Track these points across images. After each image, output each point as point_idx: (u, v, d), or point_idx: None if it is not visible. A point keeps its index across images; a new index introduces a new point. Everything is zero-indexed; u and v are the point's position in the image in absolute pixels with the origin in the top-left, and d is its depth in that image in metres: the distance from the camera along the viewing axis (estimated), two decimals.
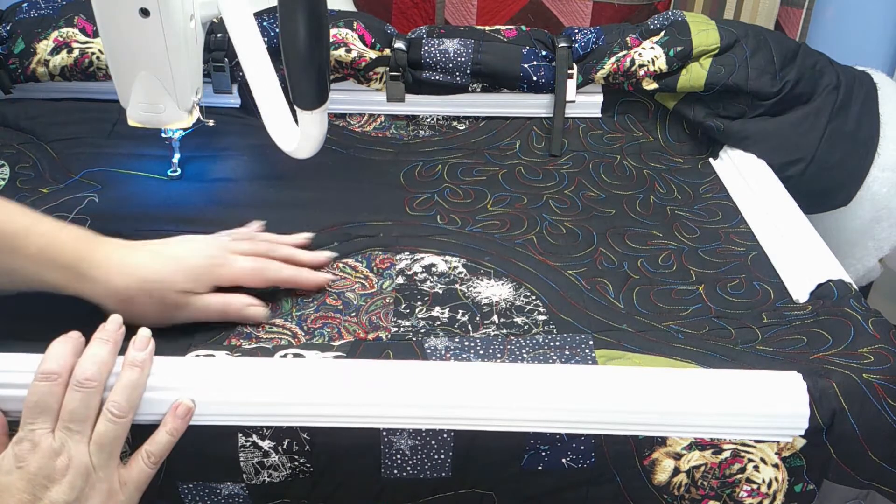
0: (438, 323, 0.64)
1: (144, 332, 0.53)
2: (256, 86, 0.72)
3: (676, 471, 0.55)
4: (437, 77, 0.88)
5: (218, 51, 0.86)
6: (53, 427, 0.49)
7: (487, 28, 0.91)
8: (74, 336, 0.52)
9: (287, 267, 0.66)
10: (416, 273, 0.69)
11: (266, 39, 0.84)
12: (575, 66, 0.88)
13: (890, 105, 0.88)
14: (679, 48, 0.86)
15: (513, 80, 0.88)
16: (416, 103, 0.91)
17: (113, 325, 0.53)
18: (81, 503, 0.49)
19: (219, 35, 0.86)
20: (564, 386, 0.54)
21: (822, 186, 0.87)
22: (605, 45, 0.88)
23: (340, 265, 0.70)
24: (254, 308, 0.63)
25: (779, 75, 0.85)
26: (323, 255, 0.69)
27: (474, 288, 0.68)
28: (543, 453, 0.54)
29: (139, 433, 0.52)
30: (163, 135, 0.78)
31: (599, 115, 0.92)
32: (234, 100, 0.90)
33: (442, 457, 0.54)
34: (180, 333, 0.61)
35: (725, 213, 0.80)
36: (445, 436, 0.53)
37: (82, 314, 0.58)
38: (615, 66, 0.87)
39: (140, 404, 0.52)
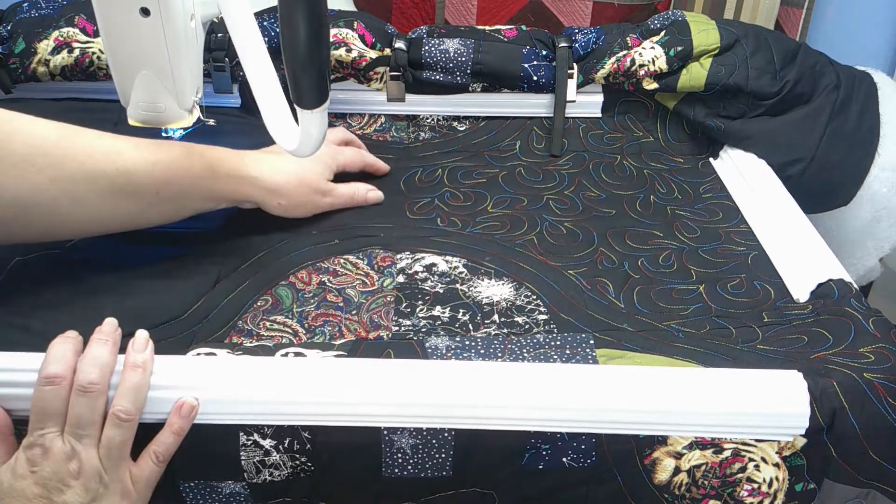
0: (439, 322, 0.64)
1: (143, 334, 0.54)
2: (256, 85, 0.72)
3: (677, 470, 0.55)
4: (438, 77, 0.88)
5: (218, 51, 0.86)
6: (62, 430, 0.50)
7: (488, 28, 0.91)
8: (73, 336, 0.52)
9: (370, 154, 0.82)
10: (416, 272, 0.69)
11: (266, 39, 0.84)
12: (575, 65, 0.88)
13: (890, 105, 0.88)
14: (679, 48, 0.86)
15: (513, 79, 0.88)
16: (417, 103, 0.91)
17: (109, 327, 0.54)
18: None
19: (219, 35, 0.86)
20: (565, 385, 0.54)
21: (822, 186, 0.87)
22: (606, 44, 0.88)
23: (341, 261, 0.70)
24: (373, 192, 0.78)
25: (779, 75, 0.86)
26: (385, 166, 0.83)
27: (475, 287, 0.68)
28: (544, 452, 0.54)
29: (144, 432, 0.52)
30: (163, 134, 0.78)
31: (600, 115, 0.92)
32: (234, 99, 0.90)
33: (443, 456, 0.54)
34: (180, 331, 0.61)
35: (726, 213, 0.80)
36: (446, 435, 0.53)
37: (82, 312, 0.58)
38: (615, 65, 0.87)
39: (145, 404, 0.52)
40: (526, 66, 0.87)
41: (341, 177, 0.79)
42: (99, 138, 0.62)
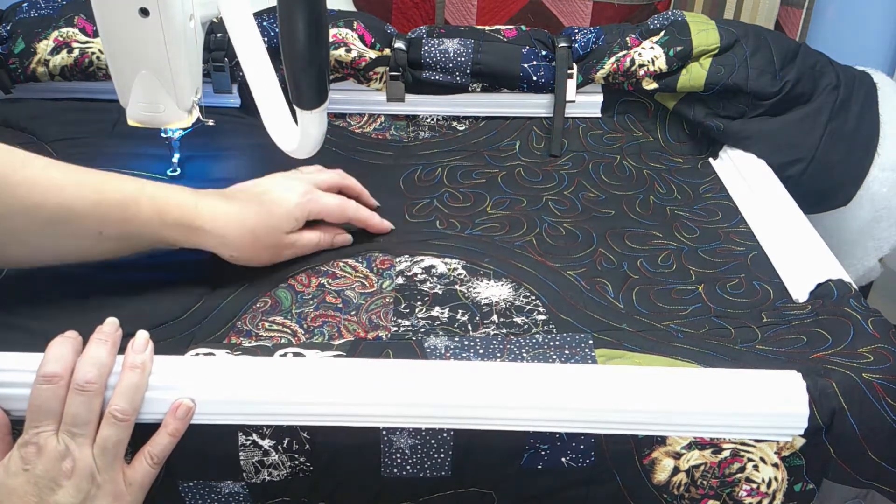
0: (438, 323, 0.64)
1: (143, 335, 0.53)
2: (256, 85, 0.72)
3: (676, 470, 0.55)
4: (437, 77, 0.88)
5: (218, 51, 0.86)
6: (57, 429, 0.50)
7: (487, 28, 0.91)
8: (72, 336, 0.52)
9: (363, 208, 0.73)
10: (415, 274, 0.69)
11: (266, 39, 0.84)
12: (575, 65, 0.88)
13: (890, 105, 0.88)
14: (679, 48, 0.86)
15: (513, 79, 0.88)
16: (416, 103, 0.91)
17: (110, 328, 0.54)
18: None
19: (219, 35, 0.86)
20: (564, 385, 0.54)
21: (822, 186, 0.87)
22: (605, 45, 0.88)
23: (340, 264, 0.70)
24: (341, 236, 0.72)
25: (779, 75, 0.86)
26: (386, 224, 0.75)
27: (474, 288, 0.68)
28: (543, 452, 0.54)
29: (140, 432, 0.52)
30: (162, 134, 0.78)
31: (599, 115, 0.92)
32: (234, 100, 0.90)
33: (442, 456, 0.54)
34: (179, 332, 0.61)
35: (725, 213, 0.80)
36: (445, 435, 0.53)
37: (82, 312, 0.58)
38: (615, 65, 0.87)
39: (142, 405, 0.52)
40: (526, 66, 0.87)
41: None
42: (43, 171, 0.58)
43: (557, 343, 0.60)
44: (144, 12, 0.65)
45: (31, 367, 0.51)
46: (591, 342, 0.60)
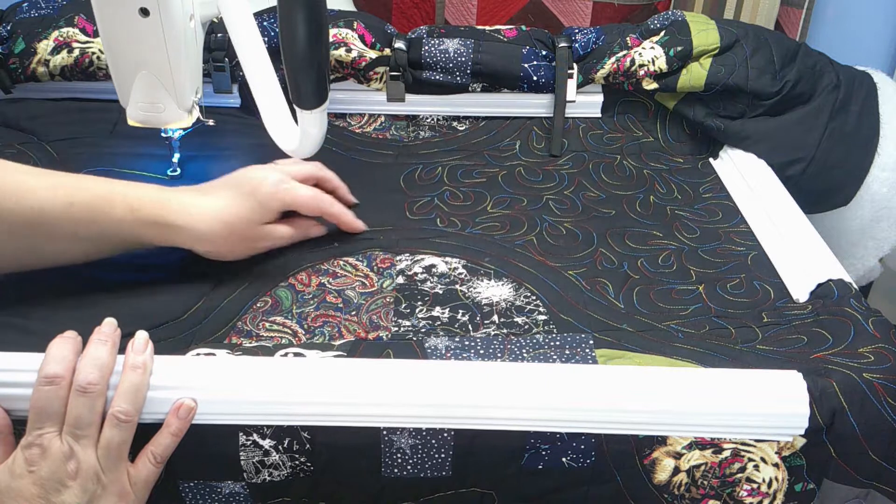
0: (439, 323, 0.64)
1: (142, 335, 0.54)
2: (256, 86, 0.72)
3: (676, 470, 0.55)
4: (438, 77, 0.88)
5: (218, 51, 0.86)
6: (60, 430, 0.50)
7: (487, 28, 0.91)
8: (72, 336, 0.52)
9: (338, 203, 0.72)
10: (416, 273, 0.69)
11: (266, 39, 0.84)
12: (575, 65, 0.88)
13: (890, 105, 0.88)
14: (679, 48, 0.86)
15: (513, 79, 0.88)
16: (417, 103, 0.91)
17: (109, 328, 0.54)
18: None
19: (219, 35, 0.86)
20: (565, 385, 0.54)
21: (822, 186, 0.87)
22: (606, 44, 0.88)
23: (341, 263, 0.70)
24: (316, 228, 0.72)
25: (779, 75, 0.86)
26: (359, 223, 0.74)
27: (474, 288, 0.68)
28: (544, 452, 0.54)
29: (142, 431, 0.52)
30: (162, 134, 0.78)
31: (599, 115, 0.92)
32: (234, 100, 0.90)
33: (442, 456, 0.54)
34: (179, 332, 0.61)
35: (725, 213, 0.80)
36: (446, 435, 0.53)
37: (81, 312, 0.58)
38: (615, 65, 0.87)
39: (144, 405, 0.52)
40: (526, 66, 0.87)
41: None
42: (12, 174, 0.59)
43: (558, 343, 0.60)
44: (144, 12, 0.65)
45: (31, 367, 0.51)
46: (591, 342, 0.60)
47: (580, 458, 0.54)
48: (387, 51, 0.88)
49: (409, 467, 0.54)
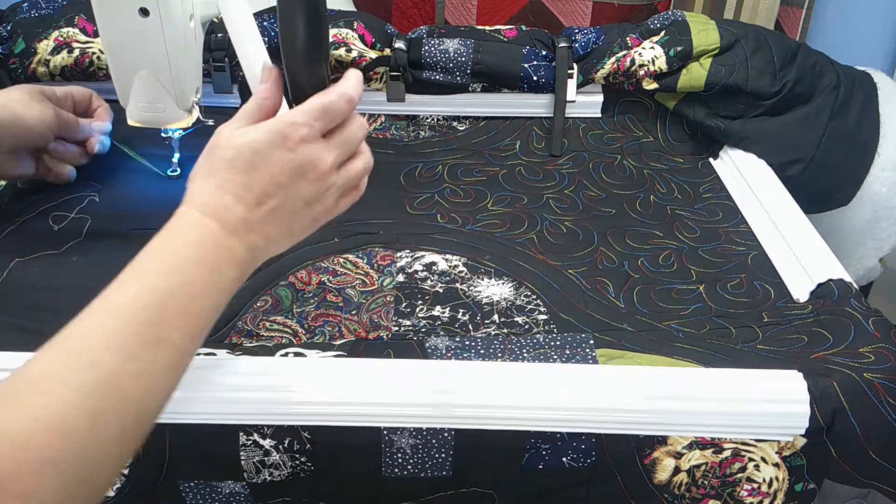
0: (439, 322, 0.64)
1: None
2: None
3: (677, 470, 0.55)
4: (438, 77, 0.88)
5: (218, 51, 0.86)
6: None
7: (487, 28, 0.91)
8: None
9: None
10: (416, 271, 0.69)
11: (266, 39, 0.84)
12: (575, 65, 0.88)
13: (890, 105, 0.88)
14: (679, 48, 0.86)
15: (513, 79, 0.88)
16: (417, 103, 0.91)
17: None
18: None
19: (219, 35, 0.86)
20: (565, 385, 0.54)
21: (822, 186, 0.87)
22: (606, 44, 0.88)
23: (341, 260, 0.70)
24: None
25: (779, 75, 0.86)
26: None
27: (475, 287, 0.68)
28: (544, 452, 0.54)
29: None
30: (162, 134, 0.78)
31: (599, 115, 0.92)
32: (234, 100, 0.90)
33: (443, 456, 0.54)
34: None
35: (726, 213, 0.80)
36: (446, 434, 0.53)
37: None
38: (615, 65, 0.87)
39: None
40: (526, 66, 0.87)
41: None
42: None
43: (558, 343, 0.60)
44: (144, 12, 0.65)
45: None
46: (591, 342, 0.60)
47: (580, 458, 0.54)
48: (387, 51, 0.88)
49: (409, 467, 0.54)
